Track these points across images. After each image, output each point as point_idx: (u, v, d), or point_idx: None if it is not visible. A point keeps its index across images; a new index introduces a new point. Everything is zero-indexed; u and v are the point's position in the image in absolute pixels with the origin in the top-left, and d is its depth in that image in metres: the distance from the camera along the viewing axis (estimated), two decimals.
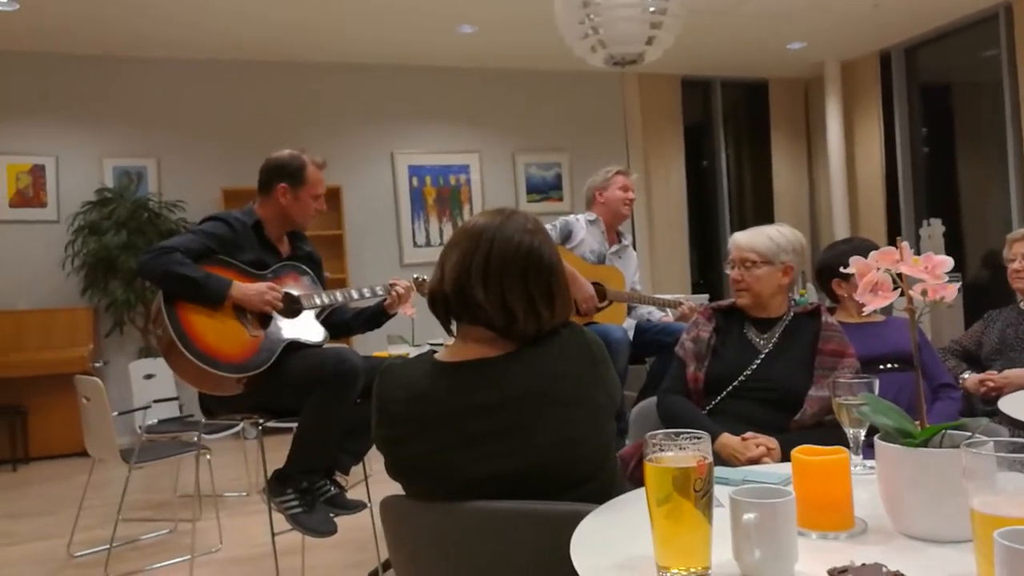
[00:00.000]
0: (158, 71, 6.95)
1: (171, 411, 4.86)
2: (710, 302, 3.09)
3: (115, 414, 3.62)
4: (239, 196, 6.53)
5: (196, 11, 5.98)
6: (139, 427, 4.24)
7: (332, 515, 2.80)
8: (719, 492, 1.17)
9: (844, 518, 1.27)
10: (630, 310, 4.03)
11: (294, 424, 2.79)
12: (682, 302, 3.89)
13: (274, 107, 7.24)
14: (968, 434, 1.25)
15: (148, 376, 5.06)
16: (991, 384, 2.96)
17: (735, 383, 2.33)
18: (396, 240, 7.64)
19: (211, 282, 2.69)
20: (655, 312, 4.09)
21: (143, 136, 6.91)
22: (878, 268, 1.32)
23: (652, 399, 2.53)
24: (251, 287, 2.75)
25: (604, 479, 1.54)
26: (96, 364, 6.31)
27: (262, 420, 2.87)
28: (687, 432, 1.14)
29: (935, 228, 7.37)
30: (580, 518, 1.34)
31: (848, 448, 1.41)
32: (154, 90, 6.95)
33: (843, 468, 1.29)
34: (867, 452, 1.59)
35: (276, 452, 3.00)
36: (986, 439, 1.07)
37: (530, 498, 1.43)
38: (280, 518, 2.77)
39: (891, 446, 1.23)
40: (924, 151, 8.10)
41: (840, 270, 2.22)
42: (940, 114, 8.11)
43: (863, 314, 2.47)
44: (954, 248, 7.43)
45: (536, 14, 6.18)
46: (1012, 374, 2.96)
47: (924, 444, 1.24)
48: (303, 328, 2.86)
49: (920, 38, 7.67)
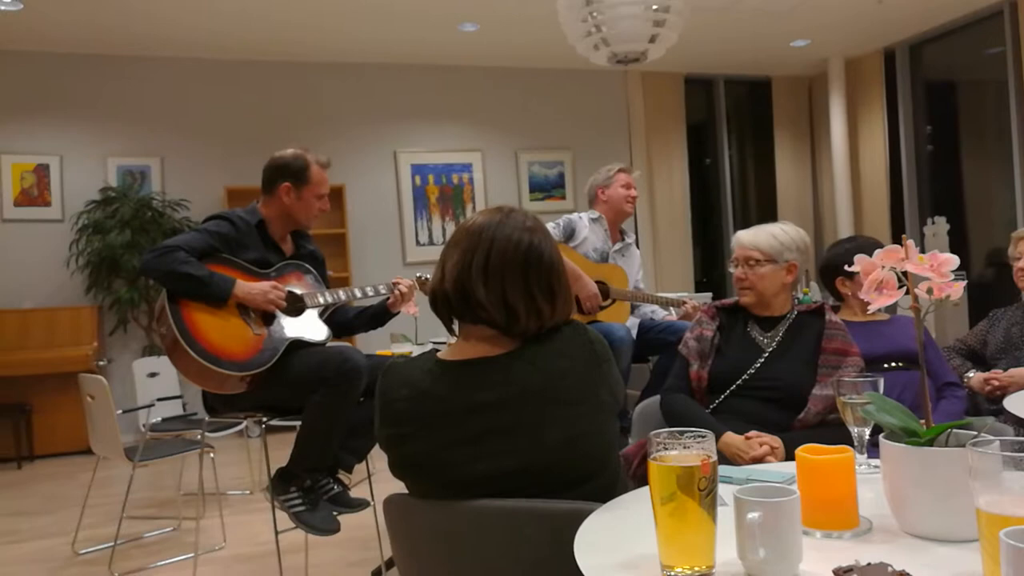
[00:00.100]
0: (162, 71, 6.95)
1: (175, 409, 4.87)
2: (713, 300, 3.08)
3: (119, 412, 3.62)
4: (242, 195, 6.54)
5: (199, 11, 5.98)
6: (143, 425, 4.24)
7: (335, 513, 2.80)
8: (722, 491, 1.17)
9: (849, 517, 1.27)
10: (633, 308, 4.02)
11: (297, 422, 2.79)
12: (685, 301, 3.88)
13: (277, 106, 7.25)
14: (974, 433, 1.24)
15: (152, 374, 5.06)
16: (996, 383, 2.95)
17: (738, 382, 2.32)
18: (399, 239, 7.64)
19: (215, 281, 2.69)
20: (658, 311, 4.08)
21: (147, 135, 6.92)
22: (883, 266, 1.31)
23: (655, 397, 2.52)
24: (255, 286, 2.75)
25: (607, 477, 1.54)
26: (100, 362, 6.32)
27: (265, 418, 2.87)
28: (691, 431, 1.14)
29: (939, 226, 7.34)
30: (583, 516, 1.34)
31: (852, 447, 1.41)
32: (158, 89, 6.95)
33: (848, 467, 1.28)
34: (871, 451, 1.59)
35: (279, 450, 3.01)
36: (992, 438, 1.06)
37: (533, 496, 1.42)
38: (283, 516, 2.77)
39: (896, 445, 1.23)
40: (928, 149, 8.08)
41: (845, 268, 2.22)
42: (944, 112, 8.09)
43: (868, 312, 2.46)
44: (958, 246, 7.41)
45: (538, 12, 6.18)
46: (1017, 373, 2.95)
47: (930, 443, 1.24)
48: (306, 327, 2.86)
49: (924, 35, 7.66)
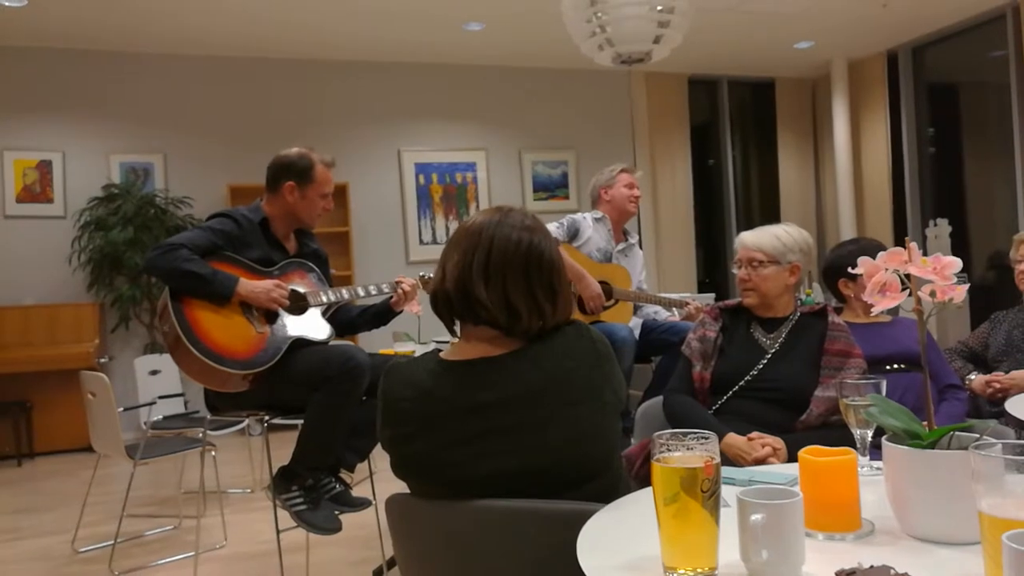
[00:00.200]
0: (165, 68, 6.96)
1: (176, 407, 4.86)
2: (716, 301, 3.08)
3: (120, 410, 3.62)
4: (245, 193, 6.55)
5: (204, 9, 5.99)
6: (144, 423, 4.25)
7: (337, 512, 2.79)
8: (724, 492, 1.17)
9: (851, 519, 1.27)
10: (636, 309, 4.02)
11: (299, 421, 2.79)
12: (688, 301, 3.88)
13: (281, 104, 7.25)
14: (976, 436, 1.24)
15: (153, 372, 5.06)
16: (998, 385, 2.96)
17: (741, 383, 2.32)
18: (402, 238, 7.64)
19: (218, 279, 2.69)
20: (661, 311, 4.08)
21: (150, 132, 6.92)
22: (886, 269, 1.31)
23: (658, 398, 2.52)
24: (258, 284, 2.76)
25: (609, 477, 1.54)
26: (101, 360, 6.33)
27: (267, 417, 2.87)
28: (695, 432, 1.14)
29: (941, 228, 7.34)
30: (585, 517, 1.34)
31: (854, 448, 1.41)
32: (161, 86, 6.96)
33: (851, 469, 1.28)
34: (873, 453, 1.59)
35: (281, 449, 3.01)
36: (994, 441, 1.06)
37: (535, 496, 1.42)
38: (285, 515, 2.77)
39: (899, 447, 1.23)
40: (931, 151, 8.08)
41: (848, 270, 2.22)
42: (947, 114, 8.09)
43: (871, 315, 2.46)
44: (960, 248, 7.41)
45: (543, 12, 6.18)
46: (1018, 375, 2.95)
47: (932, 446, 1.24)
48: (309, 325, 2.86)
49: (928, 38, 7.65)
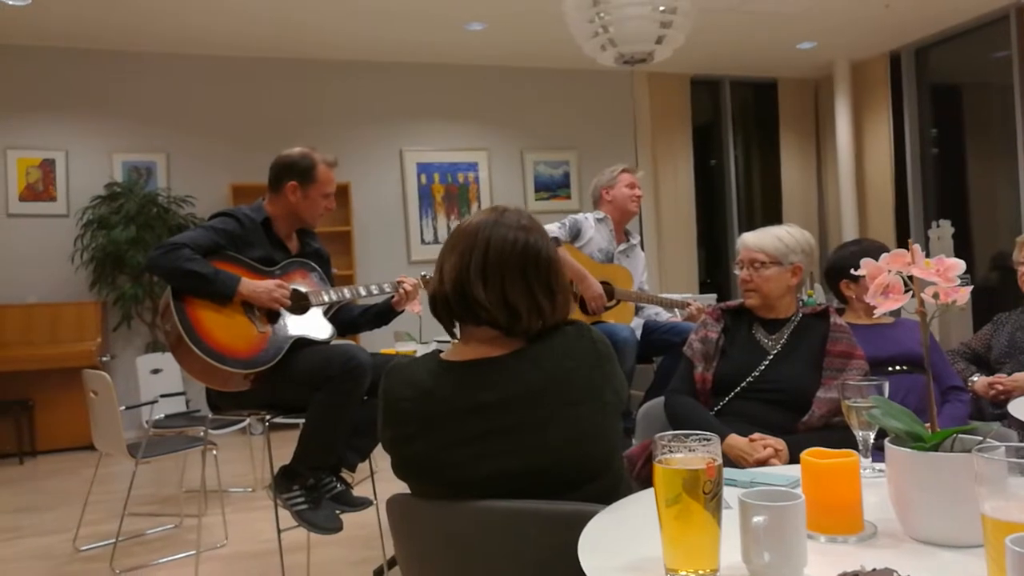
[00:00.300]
0: (167, 67, 6.96)
1: (178, 406, 4.87)
2: (718, 302, 3.08)
3: (122, 408, 3.62)
4: (247, 192, 6.55)
5: (207, 8, 5.99)
6: (146, 422, 4.25)
7: (338, 512, 2.80)
8: (726, 494, 1.17)
9: (853, 521, 1.26)
10: (638, 309, 4.02)
11: (301, 420, 2.79)
12: (690, 303, 3.88)
13: (283, 104, 7.25)
14: (979, 438, 1.24)
15: (155, 371, 5.06)
16: (1000, 387, 2.95)
17: (743, 384, 2.32)
18: (404, 237, 7.64)
19: (220, 278, 2.69)
20: (662, 312, 4.08)
21: (152, 131, 6.93)
22: (889, 270, 1.31)
23: (659, 399, 2.52)
24: (260, 284, 2.76)
25: (610, 478, 1.53)
26: (103, 358, 6.33)
27: (269, 416, 2.87)
28: (696, 433, 1.14)
29: (944, 229, 7.33)
30: (586, 518, 1.34)
31: (856, 450, 1.41)
32: (163, 86, 6.96)
33: (853, 471, 1.28)
34: (876, 455, 1.59)
35: (282, 448, 3.01)
36: (998, 444, 1.06)
37: (536, 497, 1.42)
38: (286, 514, 2.77)
39: (902, 450, 1.22)
40: (933, 152, 8.07)
41: (850, 272, 2.22)
42: (950, 115, 8.08)
43: (874, 316, 2.46)
44: (963, 250, 7.40)
45: (545, 12, 6.17)
46: (1022, 377, 2.95)
47: (935, 448, 1.24)
48: (311, 325, 2.87)
49: (930, 39, 7.64)
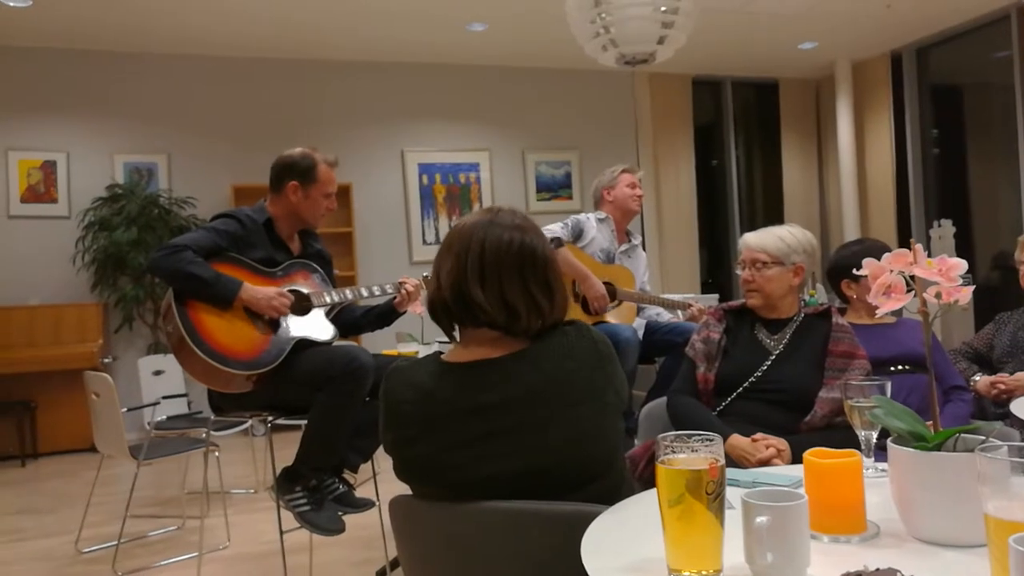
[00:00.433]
0: (169, 68, 6.97)
1: (180, 407, 4.86)
2: (720, 302, 3.07)
3: (124, 410, 3.62)
4: (249, 193, 6.56)
5: (207, 9, 5.99)
6: (148, 423, 4.25)
7: (340, 513, 2.80)
8: (729, 494, 1.17)
9: (856, 521, 1.26)
10: (640, 310, 4.02)
11: (303, 422, 2.79)
12: (691, 303, 3.88)
13: (284, 104, 7.26)
14: (982, 438, 1.24)
15: (157, 372, 5.07)
16: (1003, 386, 2.95)
17: (745, 384, 2.32)
18: (406, 238, 7.64)
19: (221, 282, 2.69)
20: (664, 312, 4.08)
21: (154, 133, 6.93)
22: (891, 270, 1.31)
23: (662, 399, 2.52)
24: (260, 291, 2.75)
25: (612, 479, 1.53)
26: (105, 360, 6.33)
27: (271, 417, 2.87)
28: (699, 434, 1.14)
29: (945, 229, 7.33)
30: (588, 518, 1.34)
31: (859, 450, 1.41)
32: (165, 87, 6.97)
33: (855, 471, 1.28)
34: (878, 455, 1.59)
35: (285, 450, 3.01)
36: (1000, 443, 1.06)
37: (538, 498, 1.42)
38: (288, 516, 2.77)
39: (904, 449, 1.22)
40: (935, 152, 8.07)
41: (852, 272, 2.22)
42: (951, 115, 8.07)
43: (876, 316, 2.46)
44: (964, 249, 7.39)
45: (546, 12, 6.18)
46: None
47: (938, 448, 1.23)
48: (313, 326, 2.87)
49: (932, 39, 7.64)
